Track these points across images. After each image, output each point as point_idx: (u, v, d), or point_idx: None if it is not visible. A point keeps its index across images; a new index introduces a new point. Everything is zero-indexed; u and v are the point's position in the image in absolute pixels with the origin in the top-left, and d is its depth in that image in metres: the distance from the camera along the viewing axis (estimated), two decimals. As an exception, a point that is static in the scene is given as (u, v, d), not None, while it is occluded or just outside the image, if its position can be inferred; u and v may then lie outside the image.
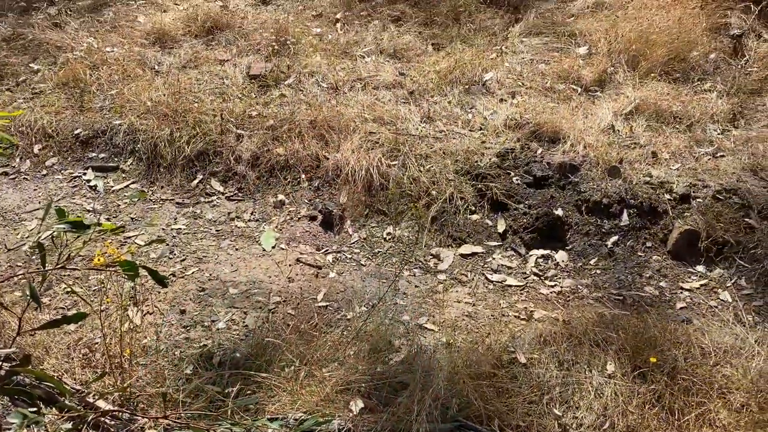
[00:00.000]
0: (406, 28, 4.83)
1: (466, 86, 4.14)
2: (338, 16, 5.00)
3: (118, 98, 3.96)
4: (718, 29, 4.42)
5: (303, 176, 3.50)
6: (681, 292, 2.82)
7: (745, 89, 3.91)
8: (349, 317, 2.68)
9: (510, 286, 2.91)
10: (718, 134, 3.56)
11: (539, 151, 3.55)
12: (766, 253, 2.88)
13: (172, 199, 3.50)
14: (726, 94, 3.85)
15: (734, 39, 4.31)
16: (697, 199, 3.12)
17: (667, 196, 3.16)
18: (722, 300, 2.76)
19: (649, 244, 3.04)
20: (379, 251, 3.13)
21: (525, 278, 2.95)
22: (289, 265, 3.00)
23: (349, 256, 3.09)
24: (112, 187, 3.58)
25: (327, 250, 3.12)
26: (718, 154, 3.40)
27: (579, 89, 4.03)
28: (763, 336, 2.48)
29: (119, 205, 3.45)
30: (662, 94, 3.81)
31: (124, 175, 3.65)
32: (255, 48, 4.46)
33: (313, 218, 3.31)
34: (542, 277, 2.96)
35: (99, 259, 2.10)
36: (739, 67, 4.13)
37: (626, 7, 4.61)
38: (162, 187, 3.58)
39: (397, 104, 3.98)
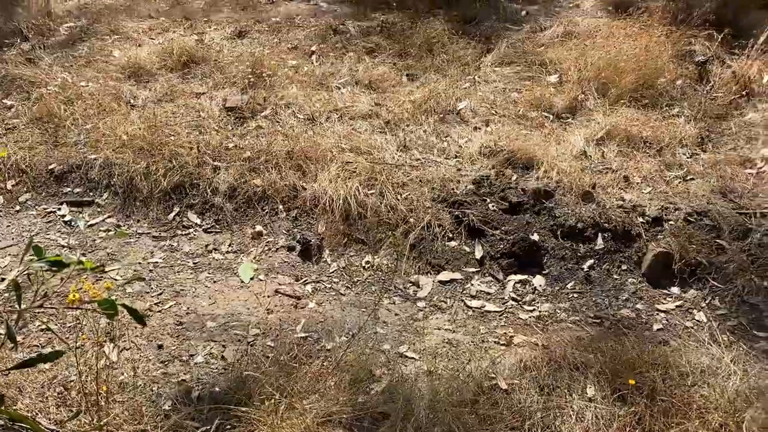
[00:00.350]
0: (380, 60, 4.91)
1: (441, 115, 4.20)
2: (313, 48, 5.06)
3: (94, 133, 3.94)
4: (683, 56, 4.56)
5: (281, 207, 3.51)
6: (657, 314, 2.86)
7: (712, 114, 4.03)
8: (329, 347, 2.67)
9: (489, 311, 2.92)
10: (688, 158, 3.65)
11: (514, 178, 3.61)
12: (737, 272, 2.94)
13: (149, 233, 3.47)
14: (693, 118, 3.96)
15: (699, 65, 4.45)
16: (670, 222, 3.19)
17: (640, 220, 3.22)
18: (698, 320, 2.80)
19: (624, 267, 3.09)
20: (358, 280, 3.13)
21: (504, 304, 2.97)
22: (268, 297, 2.98)
23: (329, 286, 3.09)
24: (88, 221, 3.54)
25: (306, 281, 3.11)
26: (688, 178, 3.48)
27: (551, 116, 4.11)
28: (739, 355, 2.52)
29: (95, 240, 3.41)
30: (632, 119, 3.91)
31: (99, 210, 3.62)
32: (231, 81, 4.49)
33: (291, 248, 3.30)
34: (521, 302, 2.98)
35: (74, 296, 2.08)
36: (705, 92, 4.26)
37: (594, 36, 4.74)
38: (138, 220, 3.55)
39: (373, 134, 4.02)
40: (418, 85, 4.56)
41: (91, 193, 3.70)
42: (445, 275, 3.14)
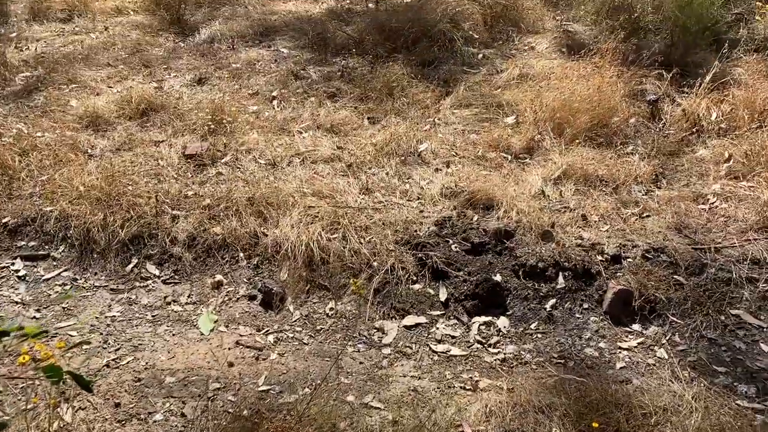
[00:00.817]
0: (342, 104, 4.95)
1: (403, 157, 4.24)
2: (275, 93, 5.09)
3: (49, 184, 3.87)
4: (635, 95, 4.70)
5: (241, 255, 3.47)
6: (620, 352, 2.87)
7: (664, 151, 4.14)
8: (291, 400, 2.61)
9: (455, 356, 2.91)
10: (643, 195, 3.73)
11: (475, 219, 3.64)
12: (695, 308, 2.98)
13: (106, 286, 3.39)
14: (647, 156, 4.06)
15: (651, 104, 4.59)
16: (628, 259, 3.24)
17: (599, 258, 3.26)
18: (659, 357, 2.83)
19: (585, 305, 3.11)
20: (321, 328, 3.09)
21: (469, 347, 2.96)
22: (229, 349, 2.92)
23: (291, 335, 3.04)
24: (42, 276, 3.45)
25: (268, 331, 3.06)
26: (644, 215, 3.55)
27: (509, 157, 4.18)
28: (700, 392, 2.54)
29: (50, 295, 3.32)
30: (588, 158, 3.99)
31: (55, 263, 3.53)
32: (191, 128, 4.47)
33: (252, 298, 3.25)
34: (485, 345, 2.97)
35: (24, 358, 2.01)
36: (657, 130, 4.39)
37: (549, 78, 4.87)
38: (95, 273, 3.47)
39: (335, 177, 4.03)
40: (379, 128, 4.60)
41: (47, 247, 3.61)
42: (410, 320, 3.12)
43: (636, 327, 3.00)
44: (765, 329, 2.89)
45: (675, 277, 3.13)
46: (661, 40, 5.26)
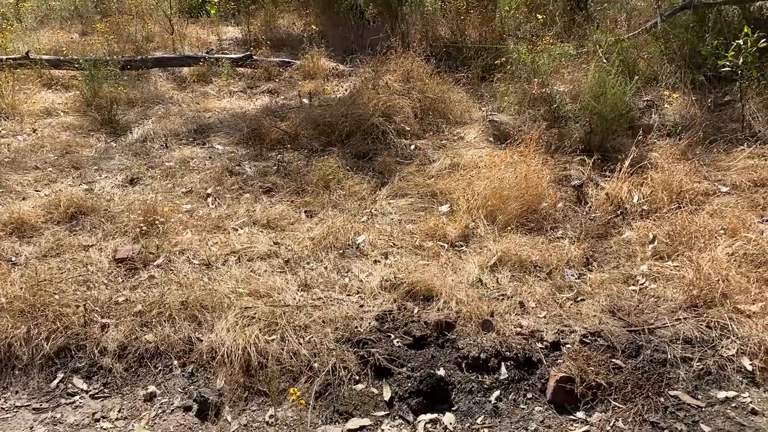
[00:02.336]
0: (278, 198, 4.97)
1: (341, 250, 4.24)
2: (209, 191, 5.06)
3: (-33, 297, 3.66)
4: (560, 181, 4.91)
5: (175, 362, 3.32)
6: (566, 442, 2.85)
7: (593, 233, 4.29)
8: None
9: (401, 458, 2.81)
10: (576, 279, 3.82)
11: (416, 311, 3.63)
12: (635, 391, 3.01)
13: (29, 405, 3.16)
14: (577, 239, 4.20)
15: (576, 189, 4.79)
16: (567, 345, 3.27)
17: (539, 345, 3.29)
18: (605, 445, 2.82)
19: (529, 395, 3.10)
20: (262, 437, 2.95)
21: (415, 447, 2.88)
22: (163, 468, 2.74)
23: (230, 448, 2.89)
24: (-43, 398, 3.19)
25: (205, 444, 2.90)
26: (579, 299, 3.63)
27: (446, 245, 4.24)
28: (647, 480, 2.53)
29: (-37, 420, 3.07)
30: (521, 244, 4.09)
31: (-30, 384, 3.28)
32: (122, 230, 4.37)
33: (188, 409, 3.09)
34: (432, 444, 2.90)
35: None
36: (584, 213, 4.56)
37: (479, 166, 5.03)
38: (17, 392, 3.24)
39: (273, 275, 3.98)
40: (316, 221, 4.62)
41: (-38, 366, 3.37)
42: (354, 422, 3.02)
43: (580, 414, 2.99)
44: (703, 409, 2.93)
45: (613, 360, 3.17)
46: (580, 127, 5.56)
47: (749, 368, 3.10)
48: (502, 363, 3.23)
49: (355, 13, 9.41)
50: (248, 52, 8.63)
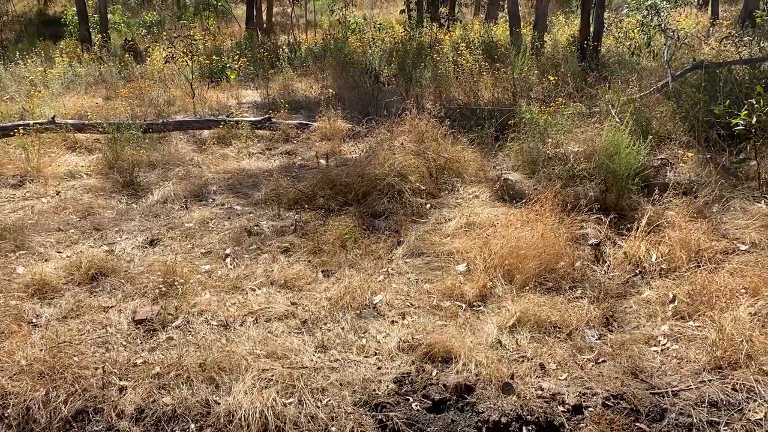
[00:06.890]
0: (295, 258, 5.00)
1: (358, 310, 4.23)
2: (228, 251, 5.11)
3: (-12, 359, 3.68)
4: (577, 240, 4.91)
5: (192, 426, 3.29)
6: None
7: (612, 293, 4.26)
8: None
9: None
10: (596, 339, 3.77)
11: (434, 373, 3.59)
12: (662, 457, 2.93)
13: (44, 470, 3.14)
14: (596, 299, 4.16)
15: (593, 248, 4.78)
16: (589, 409, 3.21)
17: (561, 408, 3.23)
18: None
19: (552, 461, 3.03)
20: (278, 505, 2.89)
21: None
22: None
23: None
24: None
25: None
26: (600, 360, 3.57)
27: (464, 305, 4.22)
28: None
29: (-21, 485, 3.04)
30: (539, 304, 4.06)
31: (-13, 448, 3.27)
32: (141, 291, 4.40)
33: (204, 475, 3.05)
34: None
35: None
36: (603, 272, 4.54)
37: (495, 225, 5.06)
38: (32, 456, 3.22)
39: (290, 335, 3.97)
40: (333, 281, 4.63)
41: (-20, 429, 3.36)
42: (372, 489, 2.96)
43: (605, 482, 2.91)
44: (733, 476, 2.85)
45: (637, 424, 3.10)
46: (595, 186, 5.60)
47: (779, 433, 3.01)
48: (524, 427, 3.17)
49: (369, 77, 9.69)
50: (267, 115, 8.86)
